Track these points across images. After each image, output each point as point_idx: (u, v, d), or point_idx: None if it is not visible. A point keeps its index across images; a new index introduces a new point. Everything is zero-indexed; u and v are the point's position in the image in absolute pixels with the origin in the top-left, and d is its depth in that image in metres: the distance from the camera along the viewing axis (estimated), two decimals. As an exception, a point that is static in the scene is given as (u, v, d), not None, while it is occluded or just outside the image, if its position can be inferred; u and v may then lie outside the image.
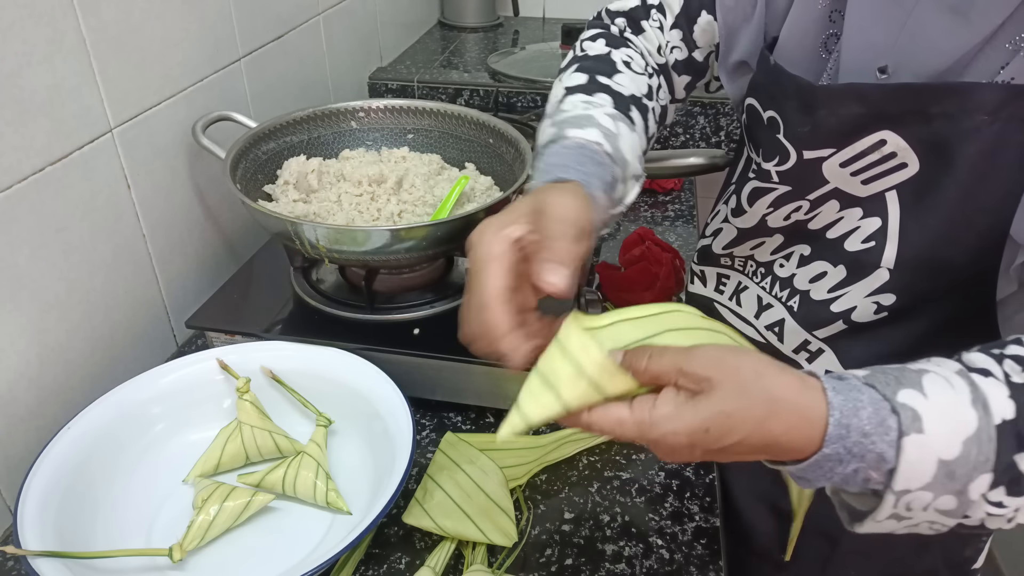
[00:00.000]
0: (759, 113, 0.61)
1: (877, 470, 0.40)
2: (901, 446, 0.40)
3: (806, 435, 0.41)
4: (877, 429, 0.40)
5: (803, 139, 0.57)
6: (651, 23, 0.71)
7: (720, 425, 0.41)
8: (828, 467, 0.41)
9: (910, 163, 0.55)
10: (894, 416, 0.40)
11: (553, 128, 0.61)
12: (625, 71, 0.67)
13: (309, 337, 0.74)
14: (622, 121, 0.62)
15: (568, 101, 0.64)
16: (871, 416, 0.40)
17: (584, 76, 0.66)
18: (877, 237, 0.59)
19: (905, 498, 0.41)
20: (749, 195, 0.65)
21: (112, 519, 0.62)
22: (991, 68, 0.50)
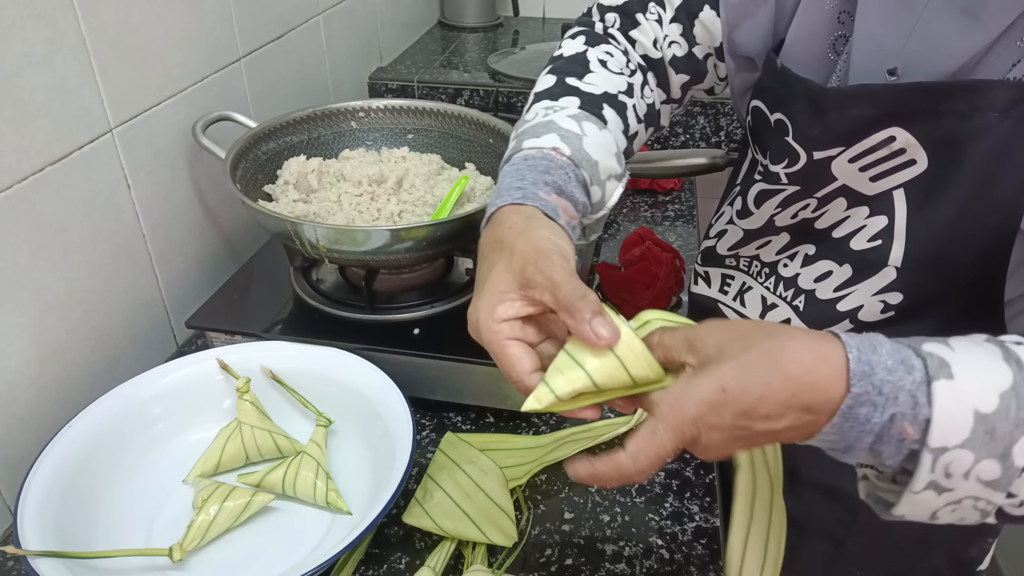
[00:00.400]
0: (766, 116, 0.61)
1: (913, 421, 0.38)
2: (932, 392, 0.38)
3: (827, 373, 0.39)
4: (900, 366, 0.38)
5: (813, 141, 0.57)
6: (648, 16, 0.69)
7: (734, 380, 0.40)
8: (864, 415, 0.39)
9: (919, 160, 0.54)
10: (919, 359, 0.39)
11: (514, 141, 0.60)
12: (599, 70, 0.66)
13: (309, 337, 0.74)
14: (588, 120, 0.60)
15: (532, 109, 0.63)
16: (891, 352, 0.39)
17: (552, 79, 0.65)
18: (884, 236, 0.58)
19: (943, 458, 0.38)
20: (756, 197, 0.65)
21: (112, 519, 0.62)
22: (1002, 67, 0.50)
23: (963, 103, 0.50)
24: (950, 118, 0.51)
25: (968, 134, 0.51)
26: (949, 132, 0.52)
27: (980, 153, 0.51)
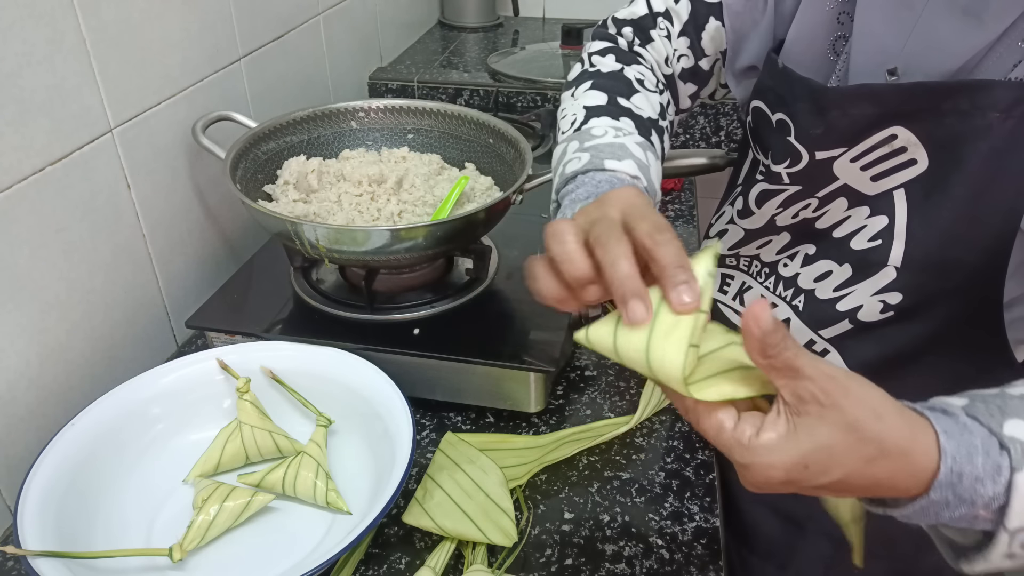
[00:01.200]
0: (767, 116, 0.61)
1: (987, 509, 0.39)
2: (1013, 483, 0.38)
3: (913, 480, 0.39)
4: (991, 474, 0.38)
5: (815, 140, 0.57)
6: (658, 31, 0.69)
7: (821, 462, 0.38)
8: (933, 512, 0.39)
9: (919, 159, 0.54)
10: (1004, 454, 0.38)
11: (586, 154, 0.58)
12: (640, 90, 0.66)
13: (309, 337, 0.74)
14: (649, 150, 0.61)
15: (596, 125, 0.62)
16: (985, 463, 0.38)
17: (603, 96, 0.65)
18: (884, 235, 0.58)
19: (1020, 536, 0.39)
20: (757, 197, 0.65)
21: (112, 519, 0.62)
22: (1003, 66, 0.50)
23: (965, 102, 0.50)
24: (952, 117, 0.51)
25: (969, 134, 0.51)
26: (950, 131, 0.52)
27: (981, 153, 0.51)
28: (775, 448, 0.38)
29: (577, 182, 0.57)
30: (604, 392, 0.79)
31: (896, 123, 0.53)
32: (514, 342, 0.77)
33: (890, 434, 0.38)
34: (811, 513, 0.75)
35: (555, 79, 1.38)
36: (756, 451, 0.38)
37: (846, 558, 0.74)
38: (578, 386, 0.80)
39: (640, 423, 0.75)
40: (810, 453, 0.37)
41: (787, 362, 0.37)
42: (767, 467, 0.38)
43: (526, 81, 1.38)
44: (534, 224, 0.97)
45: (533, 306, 0.83)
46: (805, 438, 0.37)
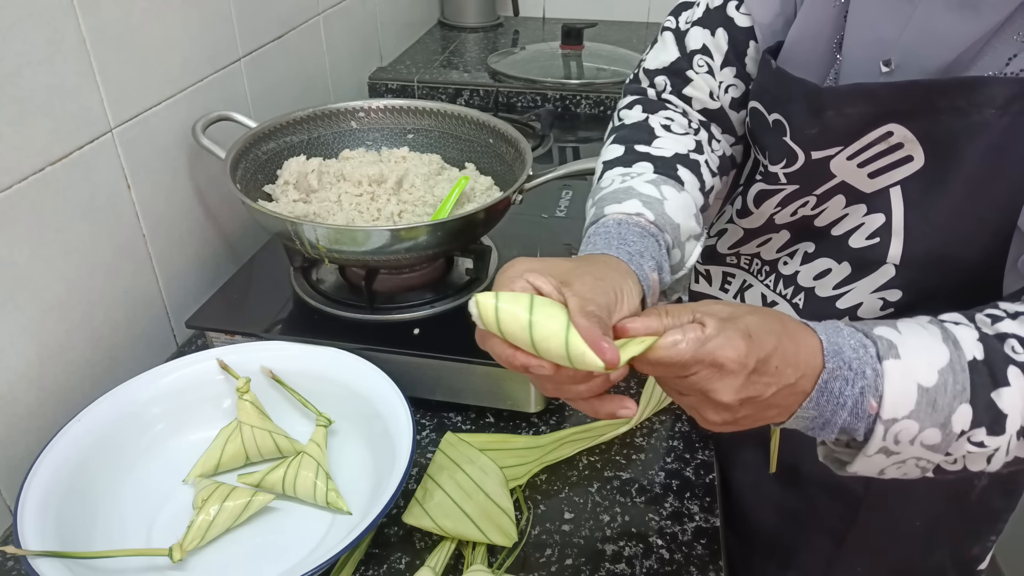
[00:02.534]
0: (764, 116, 0.61)
1: (875, 395, 0.43)
2: (883, 370, 0.43)
3: (812, 347, 0.44)
4: (859, 350, 0.44)
5: (811, 140, 0.57)
6: (697, 70, 0.68)
7: (757, 331, 0.43)
8: (838, 389, 0.44)
9: (916, 156, 0.54)
10: (871, 342, 0.44)
11: (593, 208, 0.59)
12: (664, 135, 0.65)
13: (309, 337, 0.74)
14: (667, 184, 0.60)
15: (606, 176, 0.63)
16: (850, 335, 0.44)
17: (621, 148, 0.65)
18: (881, 233, 0.58)
19: (893, 428, 0.43)
20: (755, 197, 0.65)
21: (112, 519, 0.62)
22: (999, 60, 0.50)
23: (961, 99, 0.50)
24: (948, 115, 0.51)
25: (966, 130, 0.51)
26: (947, 128, 0.52)
27: (977, 149, 0.51)
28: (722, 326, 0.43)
29: (589, 236, 0.57)
30: (604, 392, 0.79)
31: (892, 120, 0.53)
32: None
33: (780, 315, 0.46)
34: (812, 509, 0.75)
35: (555, 79, 1.38)
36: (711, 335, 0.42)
37: (850, 556, 0.75)
38: (578, 386, 0.80)
39: (640, 423, 0.75)
40: (747, 327, 0.43)
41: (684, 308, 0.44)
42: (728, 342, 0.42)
43: (526, 81, 1.38)
44: (534, 224, 0.97)
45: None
46: (737, 321, 0.43)
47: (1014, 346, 0.45)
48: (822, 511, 0.74)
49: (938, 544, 0.73)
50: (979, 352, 0.44)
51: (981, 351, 0.44)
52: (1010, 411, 0.43)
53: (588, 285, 0.46)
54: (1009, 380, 0.44)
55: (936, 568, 0.75)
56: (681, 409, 0.77)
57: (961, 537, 0.74)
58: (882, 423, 0.43)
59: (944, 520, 0.72)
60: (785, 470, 0.76)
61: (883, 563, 0.75)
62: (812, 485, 0.74)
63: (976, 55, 0.50)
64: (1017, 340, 0.45)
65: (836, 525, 0.74)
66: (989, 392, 0.43)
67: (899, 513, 0.71)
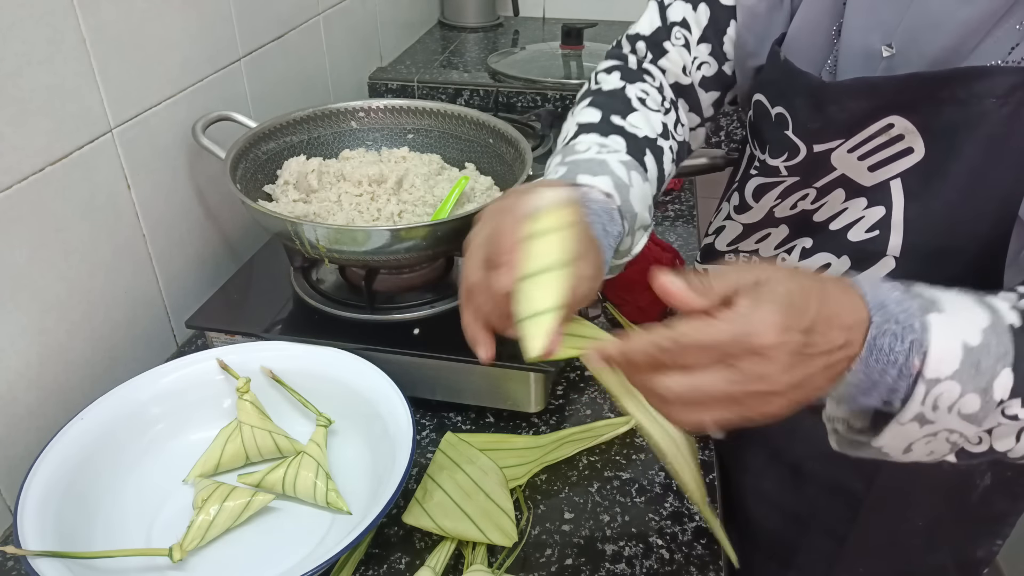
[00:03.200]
0: (767, 109, 0.61)
1: (919, 352, 0.40)
2: (927, 323, 0.40)
3: (855, 302, 0.41)
4: (903, 302, 0.41)
5: (813, 134, 0.57)
6: (674, 42, 0.69)
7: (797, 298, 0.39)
8: (887, 345, 0.40)
9: (916, 148, 0.54)
10: (911, 297, 0.41)
11: (564, 167, 0.59)
12: (640, 109, 0.66)
13: (309, 337, 0.74)
14: (635, 170, 0.60)
15: (582, 140, 0.62)
16: (890, 288, 0.41)
17: (597, 113, 0.65)
18: (881, 226, 0.59)
19: (935, 390, 0.40)
20: (754, 191, 0.65)
21: (112, 519, 0.62)
22: (1000, 50, 0.50)
23: (962, 90, 0.50)
24: (949, 105, 0.51)
25: (966, 121, 0.51)
26: (948, 119, 0.52)
27: (978, 140, 0.51)
28: (756, 304, 0.39)
29: None
30: (604, 392, 0.79)
31: (893, 113, 0.53)
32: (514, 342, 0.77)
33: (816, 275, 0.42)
34: (814, 510, 0.75)
35: (555, 79, 1.38)
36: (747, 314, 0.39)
37: (852, 556, 0.75)
38: (578, 386, 0.80)
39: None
40: (786, 295, 0.39)
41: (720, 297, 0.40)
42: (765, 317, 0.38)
43: (526, 81, 1.38)
44: (534, 224, 0.97)
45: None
46: (773, 290, 0.39)
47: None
48: (823, 511, 0.74)
49: (939, 545, 0.73)
50: (1016, 319, 0.42)
51: (1018, 318, 0.42)
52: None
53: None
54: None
55: (938, 569, 0.75)
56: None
57: (963, 538, 0.74)
58: (924, 383, 0.40)
59: (946, 521, 0.72)
60: (786, 470, 0.76)
61: (884, 563, 0.75)
62: (813, 485, 0.74)
63: (977, 44, 0.50)
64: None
65: (837, 525, 0.74)
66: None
67: (900, 513, 0.71)
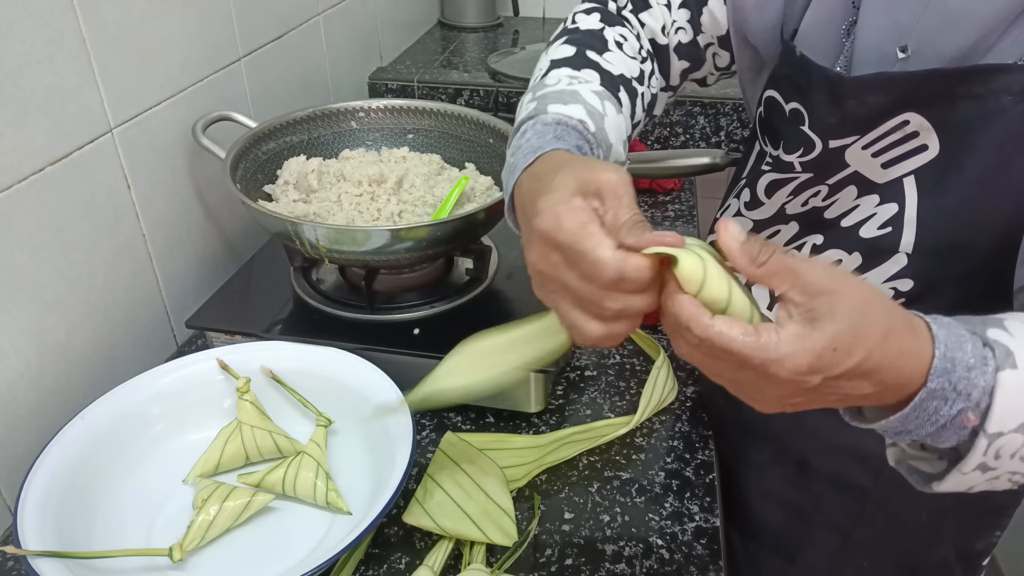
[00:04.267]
0: (781, 106, 0.61)
1: (975, 410, 0.39)
2: (998, 380, 0.39)
3: (915, 363, 0.39)
4: (979, 364, 0.39)
5: (830, 129, 0.57)
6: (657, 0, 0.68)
7: (846, 342, 0.37)
8: (932, 407, 0.39)
9: (931, 145, 0.54)
10: (988, 349, 0.40)
11: (534, 103, 0.58)
12: (616, 51, 0.64)
13: (309, 337, 0.74)
14: (608, 100, 0.59)
15: (552, 75, 0.61)
16: (974, 351, 0.39)
17: (572, 49, 0.63)
18: (894, 223, 0.58)
19: (997, 443, 0.39)
20: (767, 187, 0.65)
21: (112, 519, 0.62)
22: (1017, 49, 0.50)
23: (979, 86, 0.50)
24: (965, 102, 0.51)
25: (982, 118, 0.51)
26: (963, 116, 0.52)
27: (993, 137, 0.51)
28: (802, 335, 0.37)
29: (523, 130, 0.55)
30: (604, 392, 0.79)
31: (909, 109, 0.53)
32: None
33: (895, 310, 0.39)
34: (819, 505, 0.75)
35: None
36: (785, 340, 0.37)
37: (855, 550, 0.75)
38: (578, 386, 0.80)
39: (640, 423, 0.75)
40: (836, 335, 0.37)
41: (781, 265, 0.37)
42: (796, 354, 0.37)
43: (526, 81, 1.37)
44: (534, 224, 0.97)
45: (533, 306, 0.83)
46: (828, 323, 0.37)
47: None
48: (828, 506, 0.74)
49: (943, 538, 0.73)
50: None
51: None
52: None
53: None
54: None
55: (940, 562, 0.75)
56: (682, 408, 0.77)
57: (966, 531, 0.74)
58: (985, 437, 0.39)
59: (950, 515, 0.72)
60: (792, 466, 0.76)
61: (889, 557, 0.75)
62: (819, 480, 0.74)
63: (994, 43, 0.50)
64: None
65: (842, 520, 0.73)
66: None
67: (905, 507, 0.71)
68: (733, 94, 1.30)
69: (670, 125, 1.33)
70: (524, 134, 0.55)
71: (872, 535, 0.73)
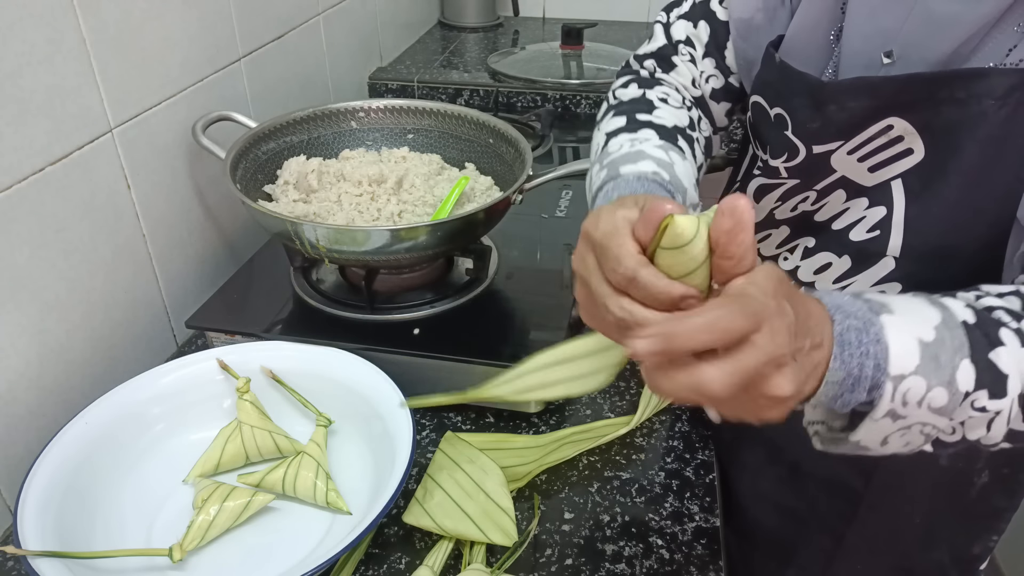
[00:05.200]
0: (766, 111, 0.61)
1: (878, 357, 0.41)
2: (881, 323, 0.42)
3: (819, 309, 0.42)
4: (855, 303, 0.43)
5: (812, 134, 0.57)
6: (681, 57, 0.70)
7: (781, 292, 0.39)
8: (854, 339, 0.41)
9: (916, 149, 0.55)
10: (861, 301, 0.43)
11: (604, 171, 0.59)
12: (662, 106, 0.66)
13: (309, 337, 0.74)
14: (672, 150, 0.60)
15: (613, 143, 0.63)
16: (840, 294, 0.43)
17: (623, 118, 0.65)
18: (882, 226, 0.59)
19: (902, 385, 0.41)
20: (756, 192, 0.65)
21: (112, 519, 0.62)
22: (999, 51, 0.50)
23: (961, 91, 0.51)
24: (948, 106, 0.52)
25: (965, 122, 0.51)
26: (946, 120, 0.52)
27: (977, 141, 0.52)
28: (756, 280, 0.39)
29: (606, 191, 0.57)
30: (604, 392, 0.79)
31: (892, 114, 0.54)
32: (514, 342, 0.77)
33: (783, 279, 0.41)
34: (812, 506, 0.75)
35: (555, 79, 1.38)
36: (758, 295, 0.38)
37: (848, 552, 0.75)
38: (578, 386, 0.80)
39: (640, 423, 0.75)
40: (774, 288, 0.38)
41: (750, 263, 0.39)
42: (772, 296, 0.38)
43: (526, 81, 1.38)
44: (534, 224, 0.97)
45: (533, 306, 0.83)
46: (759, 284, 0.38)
47: (1001, 316, 0.44)
48: (822, 509, 0.74)
49: (937, 542, 0.74)
50: (969, 316, 0.43)
51: (972, 316, 0.43)
52: (1010, 371, 0.42)
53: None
54: (1003, 340, 0.43)
55: (935, 566, 0.75)
56: (682, 408, 0.77)
57: (961, 535, 0.74)
58: (890, 380, 0.41)
59: (944, 518, 0.72)
60: (785, 468, 0.76)
61: (883, 560, 0.75)
62: (812, 483, 0.74)
63: (976, 47, 0.51)
64: (1004, 311, 0.44)
65: (836, 523, 0.74)
66: (987, 352, 0.42)
67: (899, 510, 0.72)
68: (733, 94, 1.30)
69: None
70: (607, 196, 0.56)
71: (865, 538, 0.73)
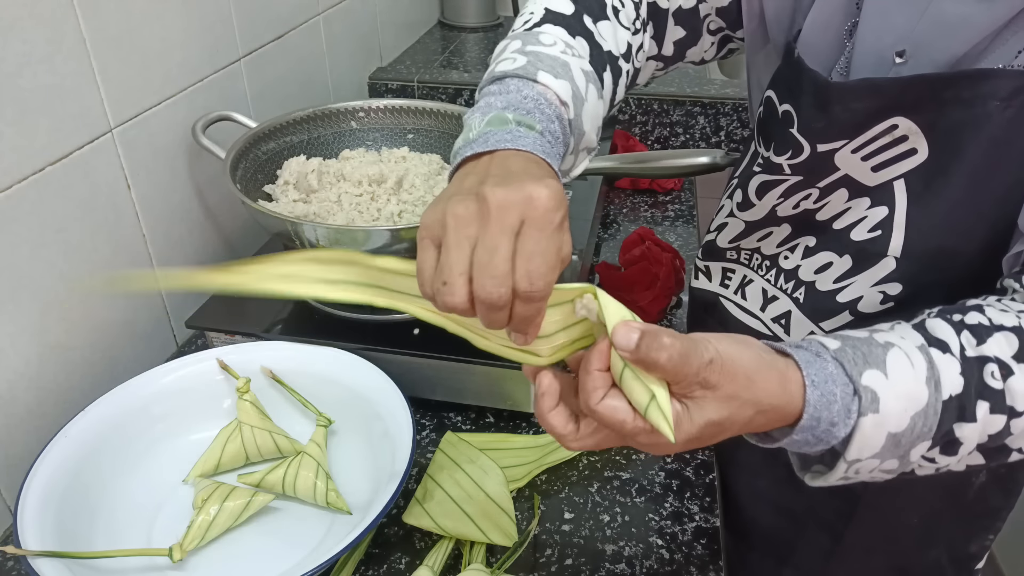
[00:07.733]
0: (775, 107, 0.61)
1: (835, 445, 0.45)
2: (858, 424, 0.44)
3: (784, 423, 0.45)
4: (843, 419, 0.44)
5: (817, 133, 0.57)
6: None
7: (711, 434, 0.43)
8: (796, 447, 0.46)
9: (920, 149, 0.55)
10: (856, 399, 0.44)
11: (524, 58, 0.56)
12: (611, 19, 0.63)
13: (309, 337, 0.74)
14: (593, 83, 0.58)
15: (548, 31, 0.60)
16: (840, 410, 0.44)
17: (570, 6, 0.62)
18: (884, 226, 0.59)
19: (855, 465, 0.45)
20: (758, 188, 0.65)
21: (112, 519, 0.62)
22: (1008, 53, 0.50)
23: (966, 91, 0.51)
24: (953, 106, 0.51)
25: (969, 123, 0.51)
26: (951, 121, 0.52)
27: (981, 142, 0.52)
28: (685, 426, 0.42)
29: (503, 85, 0.55)
30: (604, 392, 0.79)
31: (897, 114, 0.53)
32: (514, 342, 0.77)
33: (764, 395, 0.43)
34: (811, 505, 0.75)
35: None
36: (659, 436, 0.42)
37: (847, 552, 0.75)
38: (578, 386, 0.80)
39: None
40: (703, 428, 0.42)
41: (665, 366, 0.41)
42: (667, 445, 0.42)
43: (526, 81, 1.38)
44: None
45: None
46: (697, 416, 0.42)
47: (993, 371, 0.45)
48: (820, 508, 0.74)
49: (935, 541, 0.74)
50: (957, 387, 0.45)
51: (960, 385, 0.45)
52: (966, 440, 0.45)
53: None
54: (976, 416, 0.44)
55: (933, 565, 0.75)
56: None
57: (958, 534, 0.74)
58: (845, 462, 0.45)
59: (941, 517, 0.72)
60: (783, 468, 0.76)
61: (880, 560, 0.75)
62: None
63: (985, 49, 0.50)
64: (998, 365, 0.45)
65: (834, 522, 0.74)
66: (952, 425, 0.45)
67: (897, 510, 0.71)
68: (733, 94, 1.30)
69: (670, 125, 1.33)
70: (506, 93, 0.54)
71: (863, 537, 0.73)
